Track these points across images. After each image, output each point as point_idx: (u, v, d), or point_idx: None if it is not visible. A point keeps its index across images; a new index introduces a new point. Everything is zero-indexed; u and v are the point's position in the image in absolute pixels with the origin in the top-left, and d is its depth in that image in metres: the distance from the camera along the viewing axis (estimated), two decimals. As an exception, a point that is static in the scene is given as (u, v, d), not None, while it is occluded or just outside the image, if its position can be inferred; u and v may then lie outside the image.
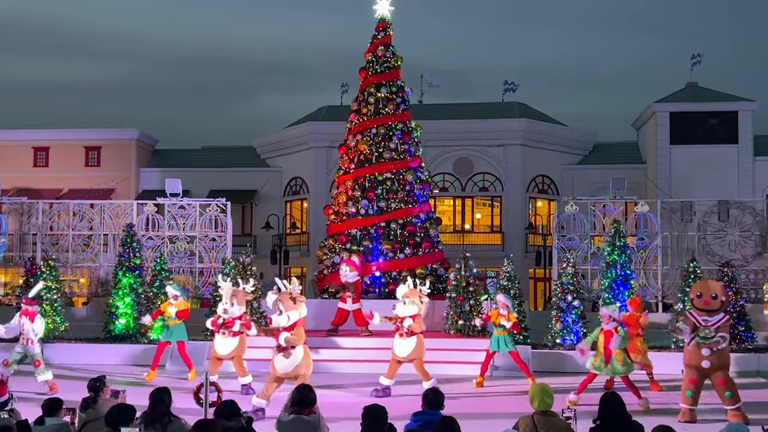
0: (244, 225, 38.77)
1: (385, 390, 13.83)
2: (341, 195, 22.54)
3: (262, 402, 11.81)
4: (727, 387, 11.75)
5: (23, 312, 14.38)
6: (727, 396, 11.74)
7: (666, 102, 37.22)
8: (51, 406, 7.79)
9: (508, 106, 39.49)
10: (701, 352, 11.71)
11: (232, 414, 7.04)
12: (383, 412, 6.56)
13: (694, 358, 11.81)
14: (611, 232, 19.53)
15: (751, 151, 35.77)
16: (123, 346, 18.36)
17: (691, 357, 11.85)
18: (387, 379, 13.96)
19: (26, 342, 14.22)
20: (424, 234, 22.05)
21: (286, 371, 11.83)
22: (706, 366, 11.69)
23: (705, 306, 11.88)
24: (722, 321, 11.89)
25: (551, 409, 6.84)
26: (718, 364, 11.75)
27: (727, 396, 11.74)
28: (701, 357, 11.71)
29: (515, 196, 36.92)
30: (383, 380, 13.95)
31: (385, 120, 22.56)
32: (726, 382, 11.77)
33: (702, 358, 11.70)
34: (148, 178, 38.97)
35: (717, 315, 11.85)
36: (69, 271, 21.99)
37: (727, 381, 11.78)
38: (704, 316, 11.85)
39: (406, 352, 13.80)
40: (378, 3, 23.76)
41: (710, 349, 11.67)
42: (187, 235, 22.11)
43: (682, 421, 11.57)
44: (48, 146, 39.33)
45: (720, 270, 19.24)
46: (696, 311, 12.02)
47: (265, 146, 40.34)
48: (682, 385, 12.09)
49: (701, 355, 11.70)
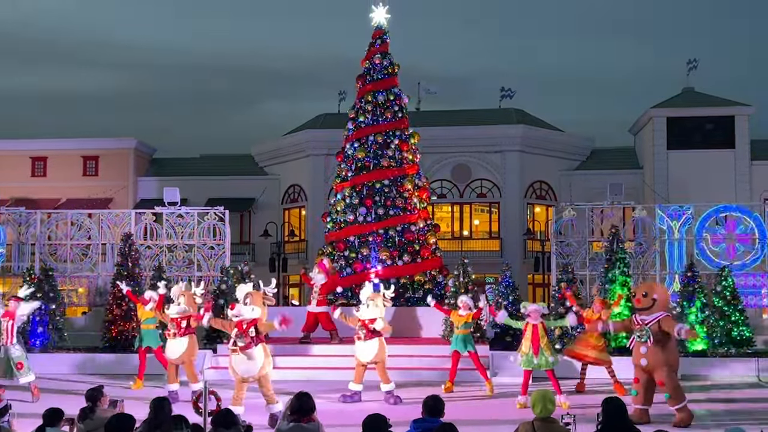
0: (243, 233, 38.73)
1: (353, 396, 13.85)
2: (339, 202, 22.57)
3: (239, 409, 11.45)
4: (666, 388, 11.82)
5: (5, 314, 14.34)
6: (666, 397, 11.88)
7: (663, 107, 37.29)
8: (52, 416, 7.79)
9: (505, 112, 39.54)
10: (639, 351, 12.06)
11: (231, 423, 7.03)
12: (384, 421, 6.57)
13: (635, 357, 12.20)
14: (609, 238, 19.58)
15: (748, 155, 35.82)
16: (121, 355, 18.33)
17: (633, 356, 12.25)
18: (356, 384, 13.98)
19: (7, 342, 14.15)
20: (422, 241, 22.06)
21: (250, 374, 11.71)
22: (644, 364, 11.99)
23: (638, 305, 12.30)
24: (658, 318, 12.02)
25: (551, 415, 6.84)
26: (654, 362, 11.89)
27: (666, 397, 11.88)
28: (640, 355, 12.06)
29: (513, 203, 36.94)
30: (352, 386, 13.97)
31: (382, 127, 22.61)
32: (664, 383, 11.83)
33: (640, 356, 12.05)
34: (146, 187, 38.93)
35: (655, 313, 12.09)
36: (67, 281, 21.96)
37: (666, 381, 11.82)
38: (642, 315, 12.19)
39: (369, 355, 13.80)
40: (375, 11, 23.84)
41: (646, 347, 11.94)
42: (185, 243, 22.10)
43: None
44: (46, 156, 39.29)
45: (718, 275, 19.25)
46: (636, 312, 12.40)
47: (263, 154, 40.36)
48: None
49: (639, 353, 12.06)
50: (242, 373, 11.68)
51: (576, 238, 21.68)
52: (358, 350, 13.95)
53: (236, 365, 11.70)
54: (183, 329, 14.12)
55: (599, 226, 22.05)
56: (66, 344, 19.17)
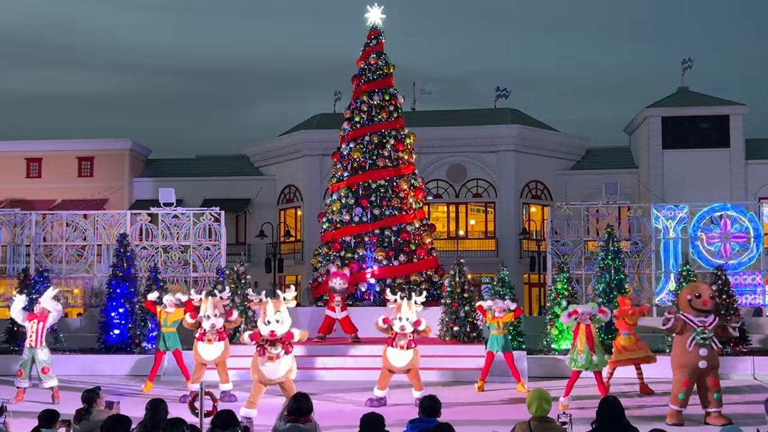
0: (238, 234, 38.67)
1: (380, 400, 13.74)
2: (335, 203, 22.56)
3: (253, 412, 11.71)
4: (717, 388, 11.90)
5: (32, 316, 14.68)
6: (715, 398, 11.88)
7: (658, 107, 37.35)
8: (48, 417, 7.77)
9: (500, 112, 39.57)
10: (699, 353, 11.79)
11: (229, 424, 7.01)
12: (381, 421, 6.57)
13: (692, 359, 11.85)
14: (605, 237, 19.60)
15: (743, 154, 35.90)
16: (117, 356, 18.30)
17: (690, 358, 11.87)
18: (381, 390, 13.87)
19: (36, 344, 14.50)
20: (418, 241, 22.06)
21: (277, 376, 11.83)
22: (703, 366, 11.78)
23: (704, 306, 12.00)
24: (715, 322, 12.06)
25: (548, 415, 6.84)
26: (712, 364, 11.88)
27: (715, 398, 11.88)
28: (699, 357, 11.80)
29: (509, 202, 36.95)
30: (377, 392, 13.84)
31: (378, 127, 22.61)
32: (717, 383, 11.93)
33: (700, 358, 11.79)
34: (141, 188, 38.84)
35: (711, 316, 12.02)
36: (63, 282, 21.89)
37: (718, 382, 11.95)
38: (701, 317, 11.94)
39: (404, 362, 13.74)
40: (370, 11, 23.86)
41: (707, 349, 11.77)
42: (181, 244, 22.04)
43: (670, 424, 11.61)
44: (41, 157, 39.18)
45: (714, 274, 19.30)
46: (692, 312, 12.06)
47: (258, 155, 40.31)
48: (673, 388, 12.11)
49: (699, 355, 11.79)
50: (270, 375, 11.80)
51: (571, 237, 21.69)
52: (392, 357, 13.80)
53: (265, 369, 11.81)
54: (220, 333, 14.49)
55: (595, 225, 22.06)
56: (62, 345, 19.11)
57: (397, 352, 13.74)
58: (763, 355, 17.75)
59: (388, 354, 13.86)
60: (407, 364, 13.74)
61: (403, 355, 13.71)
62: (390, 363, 13.82)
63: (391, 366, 13.83)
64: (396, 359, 13.78)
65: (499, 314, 15.39)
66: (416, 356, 13.86)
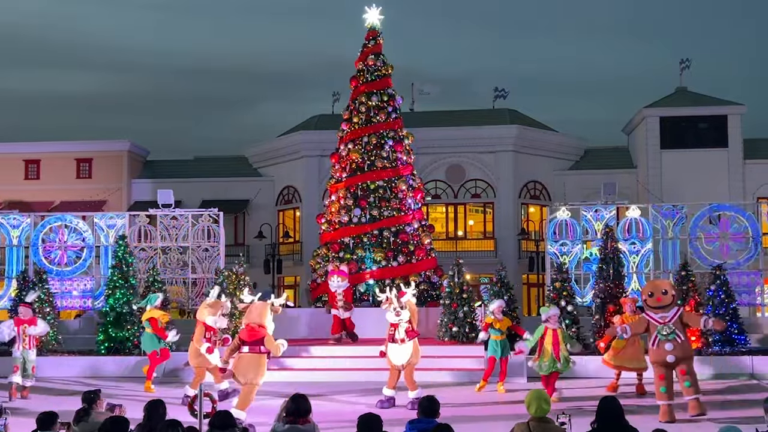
0: (237, 235, 38.68)
1: (389, 400, 13.64)
2: (334, 204, 22.56)
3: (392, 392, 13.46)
4: (687, 377, 12.16)
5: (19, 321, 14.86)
6: (686, 386, 12.14)
7: (656, 107, 37.40)
8: (46, 420, 7.76)
9: (498, 112, 39.60)
10: (665, 348, 12.14)
11: (227, 425, 7.00)
12: (378, 421, 6.57)
13: (660, 355, 12.23)
14: (603, 237, 19.58)
15: (741, 154, 35.96)
16: (117, 357, 18.29)
17: (657, 354, 12.27)
18: (390, 389, 13.78)
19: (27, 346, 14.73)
20: (417, 242, 22.06)
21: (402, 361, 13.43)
22: (671, 360, 12.12)
23: (658, 303, 12.33)
24: (677, 314, 12.31)
25: (547, 415, 6.85)
26: (681, 356, 12.17)
27: (686, 386, 12.14)
28: (666, 352, 12.16)
29: (507, 203, 36.97)
30: (387, 391, 13.74)
31: (376, 128, 22.61)
32: (687, 372, 12.19)
33: (666, 353, 12.14)
34: (140, 189, 38.84)
35: (671, 309, 12.29)
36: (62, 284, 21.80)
37: (688, 371, 12.20)
38: (660, 313, 12.28)
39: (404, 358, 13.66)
40: (368, 12, 23.86)
41: (673, 344, 12.08)
42: (179, 245, 22.03)
43: (663, 422, 11.66)
44: (39, 159, 39.17)
45: (713, 274, 19.28)
46: (652, 311, 12.42)
47: (257, 156, 40.31)
48: (654, 385, 12.41)
49: (665, 350, 12.15)
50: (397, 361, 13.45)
51: (570, 237, 21.67)
52: (392, 353, 13.72)
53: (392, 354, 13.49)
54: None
55: (594, 225, 22.01)
56: (60, 347, 19.08)
57: (396, 347, 13.68)
58: (762, 354, 17.73)
59: (389, 350, 13.87)
60: (406, 360, 13.69)
61: (402, 351, 13.62)
62: (390, 360, 13.83)
63: (392, 363, 13.84)
64: (395, 356, 13.75)
65: (499, 315, 15.35)
66: (416, 350, 13.75)
